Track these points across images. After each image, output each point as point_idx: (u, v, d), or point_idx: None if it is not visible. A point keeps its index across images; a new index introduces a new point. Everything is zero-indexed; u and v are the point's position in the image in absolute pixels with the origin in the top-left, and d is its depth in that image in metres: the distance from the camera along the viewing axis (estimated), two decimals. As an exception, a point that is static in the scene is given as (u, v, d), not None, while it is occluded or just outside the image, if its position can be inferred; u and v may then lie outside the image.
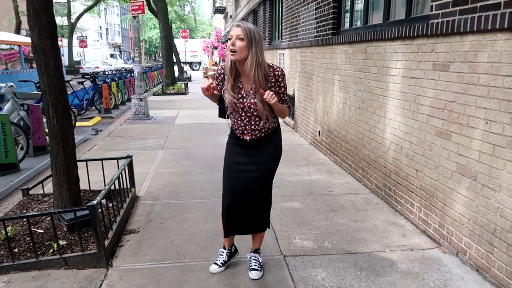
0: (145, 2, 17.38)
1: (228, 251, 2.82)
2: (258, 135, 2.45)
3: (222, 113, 2.57)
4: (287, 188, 4.50)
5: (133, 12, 9.21)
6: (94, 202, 2.70)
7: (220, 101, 2.53)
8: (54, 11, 3.21)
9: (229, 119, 2.56)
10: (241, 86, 2.36)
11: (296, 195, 4.26)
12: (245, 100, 2.35)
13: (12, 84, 5.97)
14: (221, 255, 2.81)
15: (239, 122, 2.42)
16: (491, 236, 2.60)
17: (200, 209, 3.87)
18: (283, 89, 2.42)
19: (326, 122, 5.91)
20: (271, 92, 2.24)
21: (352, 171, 4.94)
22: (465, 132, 2.81)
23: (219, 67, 2.53)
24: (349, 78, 4.94)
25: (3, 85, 5.96)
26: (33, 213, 2.89)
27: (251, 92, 2.34)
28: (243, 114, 2.38)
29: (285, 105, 2.46)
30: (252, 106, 2.34)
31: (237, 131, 2.49)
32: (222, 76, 2.48)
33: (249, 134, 2.44)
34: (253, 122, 2.41)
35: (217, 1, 35.95)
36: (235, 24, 2.28)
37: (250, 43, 2.23)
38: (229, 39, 2.26)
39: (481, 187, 2.67)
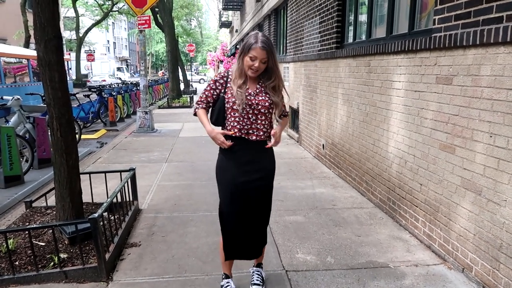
0: (151, 17, 17.66)
1: (231, 278, 2.69)
2: (262, 136, 2.45)
3: (218, 118, 2.50)
4: (290, 201, 4.47)
5: (139, 27, 9.34)
6: (96, 215, 2.69)
7: (217, 105, 2.49)
8: (63, 25, 3.27)
9: (226, 125, 2.48)
10: (247, 87, 2.44)
11: (299, 209, 4.23)
12: (252, 97, 2.41)
13: (18, 97, 6.05)
14: (228, 285, 2.64)
15: (245, 120, 2.41)
16: (497, 252, 2.54)
17: (202, 222, 3.85)
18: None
19: (330, 136, 5.89)
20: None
21: (356, 184, 4.90)
22: (469, 146, 2.78)
23: (223, 71, 2.57)
24: (353, 92, 4.94)
25: (10, 98, 6.03)
26: (34, 226, 2.89)
27: (257, 91, 2.43)
28: (250, 112, 2.41)
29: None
30: (260, 103, 2.40)
31: (242, 131, 2.41)
32: (224, 79, 2.49)
33: (255, 133, 2.43)
34: (259, 121, 2.43)
35: (223, 15, 36.40)
36: (261, 46, 2.31)
37: (274, 63, 2.41)
38: (252, 58, 2.33)
39: (486, 201, 2.63)
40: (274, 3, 10.07)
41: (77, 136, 7.82)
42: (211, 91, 2.50)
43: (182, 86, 21.12)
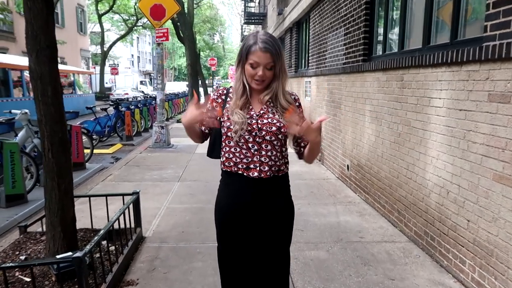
0: (174, 31, 17.56)
1: None
2: (267, 172, 1.87)
3: (214, 148, 1.98)
4: (311, 232, 3.96)
5: (157, 39, 9.12)
6: (80, 254, 2.28)
7: (213, 131, 1.99)
8: (89, 40, 2.94)
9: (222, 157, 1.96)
10: (250, 107, 1.90)
11: (321, 242, 3.72)
12: (253, 121, 1.86)
13: (26, 111, 5.81)
14: None
15: (243, 151, 1.87)
16: None
17: (210, 255, 3.39)
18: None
19: (355, 156, 5.38)
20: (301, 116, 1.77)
21: (386, 213, 4.35)
22: (536, 179, 2.25)
23: (221, 88, 2.05)
24: (383, 109, 4.44)
25: (18, 112, 5.80)
26: (10, 265, 2.49)
27: (261, 112, 1.89)
28: (251, 139, 1.86)
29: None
30: (264, 128, 1.85)
31: (240, 166, 1.88)
32: (223, 98, 1.98)
33: (257, 168, 1.86)
34: (263, 152, 1.86)
35: (245, 30, 36.46)
36: (262, 48, 1.77)
37: (281, 68, 1.84)
38: (252, 65, 1.80)
39: (562, 251, 2.09)
40: (296, 16, 9.70)
41: (89, 151, 7.57)
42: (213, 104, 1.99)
43: (202, 100, 20.92)
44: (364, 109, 5.02)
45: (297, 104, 1.94)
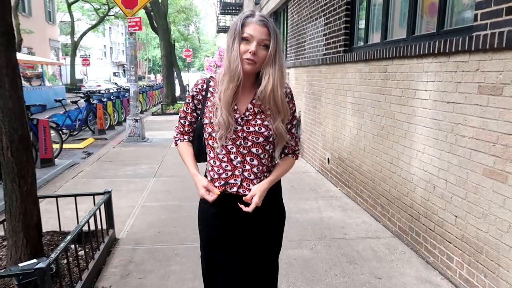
0: (147, 21, 17.01)
1: None
2: (251, 188, 1.65)
3: (199, 154, 1.79)
4: (294, 229, 3.83)
5: (130, 29, 8.73)
6: (43, 265, 2.05)
7: (195, 134, 1.78)
8: (59, 30, 2.64)
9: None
10: (235, 106, 1.61)
11: (305, 239, 3.59)
12: (238, 128, 1.60)
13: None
14: None
15: (224, 165, 1.64)
16: None
17: (189, 258, 3.20)
18: (292, 111, 1.73)
19: (336, 149, 5.27)
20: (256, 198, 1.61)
21: (369, 207, 4.27)
22: (529, 175, 2.17)
23: (200, 81, 1.74)
24: (365, 101, 4.33)
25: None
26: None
27: (247, 114, 1.62)
28: (234, 150, 1.61)
29: (294, 151, 1.81)
30: (250, 137, 1.60)
31: (216, 184, 1.68)
32: (203, 94, 1.70)
33: (237, 183, 1.66)
34: (247, 166, 1.62)
35: (220, 21, 35.91)
36: (258, 20, 1.53)
37: (275, 52, 1.57)
38: (245, 38, 1.52)
39: (557, 250, 2.01)
40: (273, 6, 9.49)
41: (58, 146, 7.18)
42: (192, 113, 1.75)
43: (178, 92, 20.49)
44: (346, 101, 4.90)
45: (288, 98, 1.74)
